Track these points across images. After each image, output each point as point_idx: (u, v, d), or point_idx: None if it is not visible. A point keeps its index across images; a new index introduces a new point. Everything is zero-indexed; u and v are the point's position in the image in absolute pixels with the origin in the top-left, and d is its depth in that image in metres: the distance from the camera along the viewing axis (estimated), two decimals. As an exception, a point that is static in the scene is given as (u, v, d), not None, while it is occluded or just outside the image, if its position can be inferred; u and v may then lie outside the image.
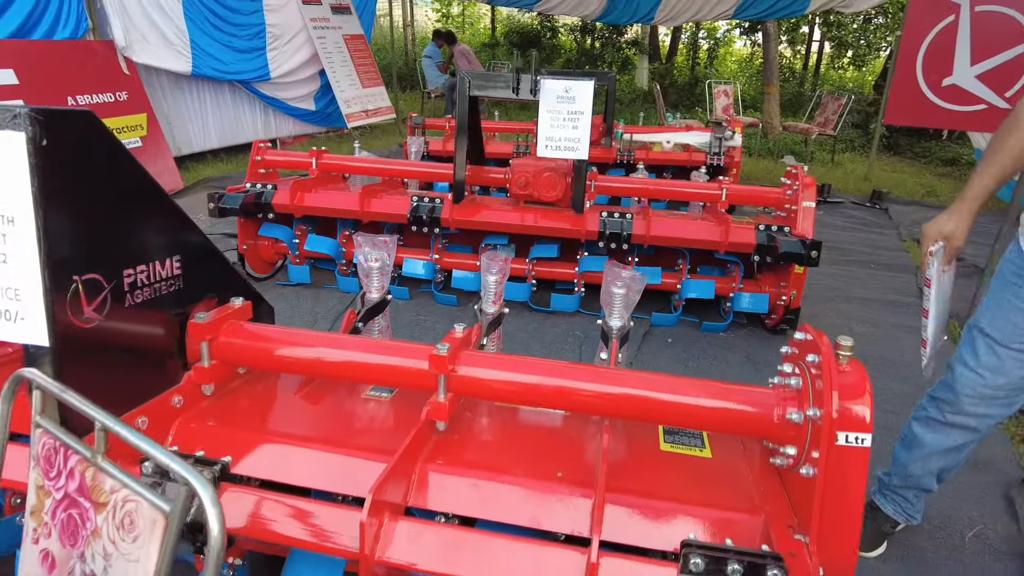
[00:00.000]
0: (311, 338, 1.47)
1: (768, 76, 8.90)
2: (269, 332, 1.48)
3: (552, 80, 2.97)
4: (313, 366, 1.44)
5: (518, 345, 3.16)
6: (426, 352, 1.36)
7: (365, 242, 1.95)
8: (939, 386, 1.86)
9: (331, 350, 1.43)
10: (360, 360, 1.41)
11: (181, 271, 1.40)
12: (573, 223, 3.20)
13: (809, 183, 3.23)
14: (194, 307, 1.47)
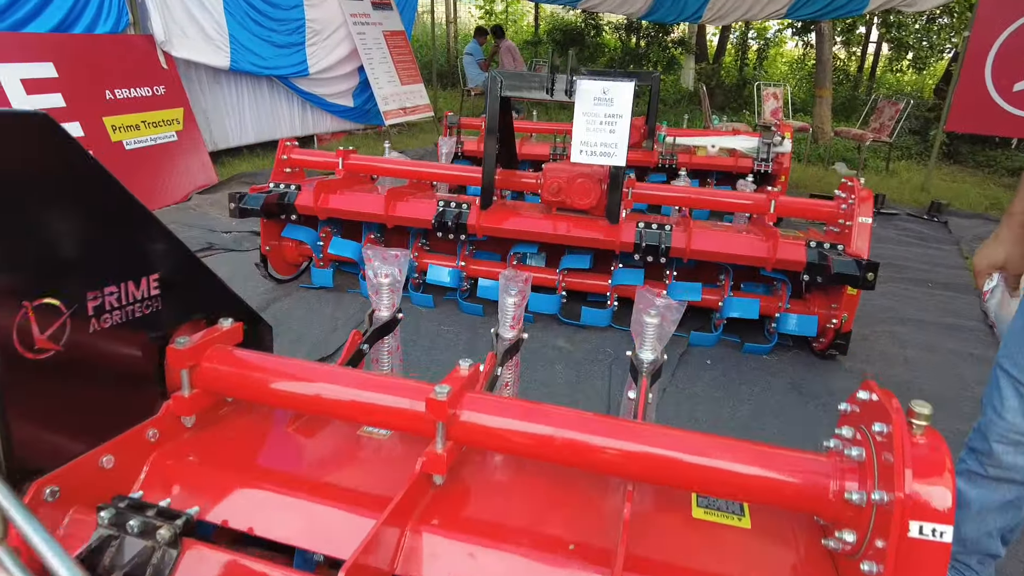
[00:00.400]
0: (299, 369, 1.32)
1: (820, 79, 8.50)
2: (255, 360, 1.34)
3: (589, 81, 2.78)
4: (298, 401, 1.29)
5: (543, 363, 2.98)
6: (425, 392, 1.20)
7: (375, 255, 1.80)
8: (974, 434, 1.64)
9: (319, 384, 1.28)
10: (350, 398, 1.25)
11: (160, 291, 1.27)
12: (607, 234, 3.01)
13: (866, 196, 2.97)
14: (176, 330, 1.33)
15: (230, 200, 3.19)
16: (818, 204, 3.14)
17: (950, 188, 7.27)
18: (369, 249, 1.82)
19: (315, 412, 1.35)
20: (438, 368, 2.90)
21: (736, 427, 2.58)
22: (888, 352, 3.30)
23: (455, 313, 3.46)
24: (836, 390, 2.88)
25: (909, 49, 9.92)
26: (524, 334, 1.78)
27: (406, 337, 3.17)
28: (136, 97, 5.34)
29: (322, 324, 3.31)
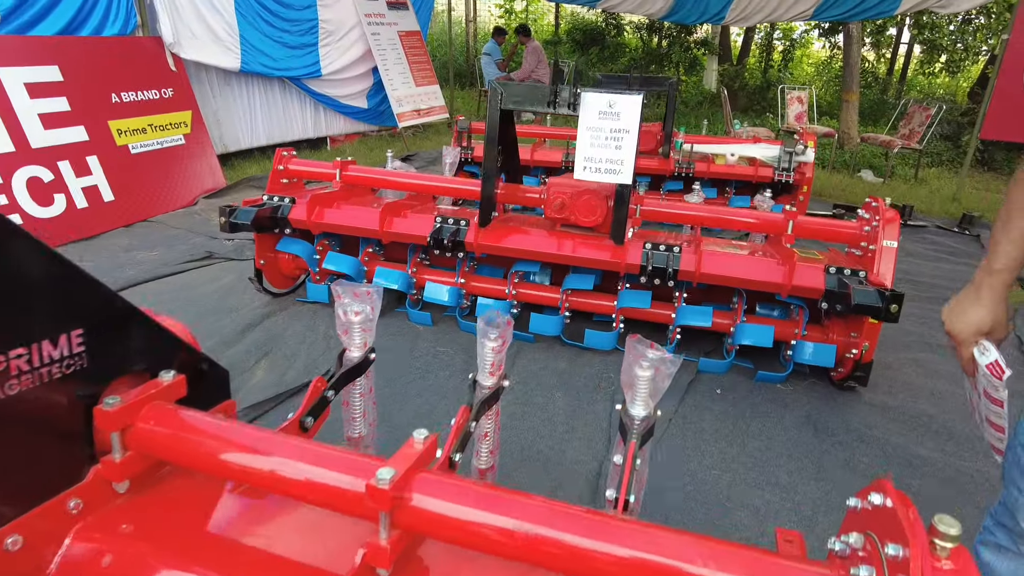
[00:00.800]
0: (234, 434, 1.19)
1: (848, 82, 8.19)
2: (191, 421, 1.21)
3: (594, 93, 2.62)
4: (229, 471, 1.16)
5: (542, 390, 2.83)
6: (373, 470, 1.05)
7: (344, 292, 1.66)
8: (1000, 508, 1.45)
9: (252, 456, 1.14)
10: (285, 473, 1.11)
11: (85, 347, 1.14)
12: (612, 254, 2.84)
13: (891, 218, 2.76)
14: (107, 387, 1.20)
15: (220, 214, 3.08)
16: (839, 225, 2.94)
17: (983, 198, 6.96)
18: (338, 285, 1.68)
19: (253, 484, 1.22)
20: (431, 394, 2.77)
21: (744, 467, 2.40)
22: (913, 384, 3.09)
23: (454, 331, 3.32)
24: (855, 426, 2.68)
25: (942, 51, 9.51)
26: (505, 381, 1.62)
27: (399, 359, 3.04)
28: (143, 100, 5.28)
29: (314, 344, 3.20)
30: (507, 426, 2.58)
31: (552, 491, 2.21)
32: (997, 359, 1.25)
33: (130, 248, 4.50)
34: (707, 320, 2.89)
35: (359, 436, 1.81)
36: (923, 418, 2.80)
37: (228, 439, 1.19)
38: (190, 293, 3.73)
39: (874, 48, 10.87)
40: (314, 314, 3.46)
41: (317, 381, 1.59)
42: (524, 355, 3.14)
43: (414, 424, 2.63)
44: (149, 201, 5.17)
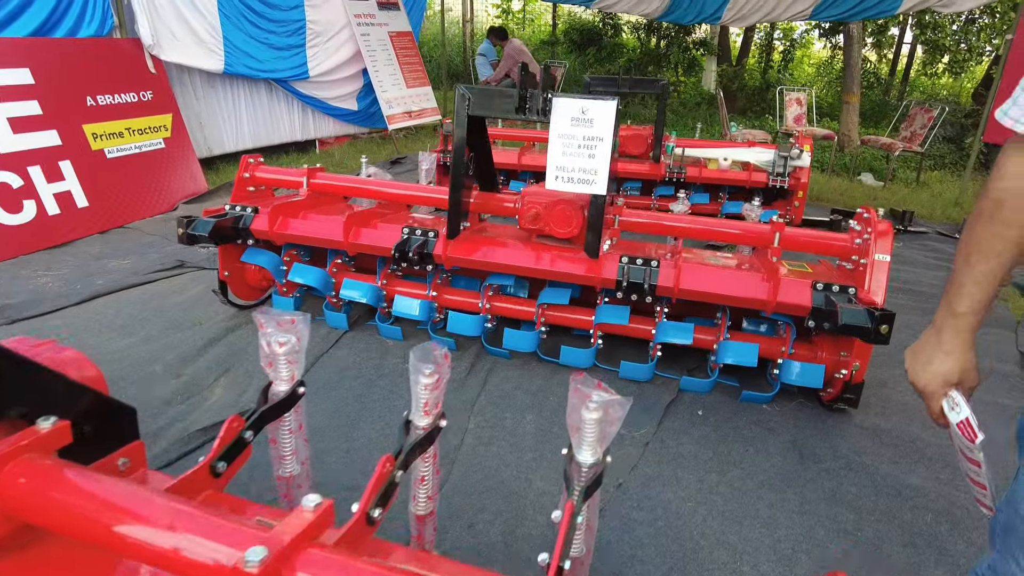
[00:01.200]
0: (110, 492, 1.04)
1: (848, 83, 8.01)
2: (63, 477, 1.06)
3: (565, 99, 2.46)
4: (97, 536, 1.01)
5: (512, 412, 2.67)
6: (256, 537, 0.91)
7: (267, 322, 1.51)
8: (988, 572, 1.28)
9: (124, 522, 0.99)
10: (154, 543, 0.96)
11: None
12: (587, 268, 2.69)
13: (884, 231, 2.60)
14: (-34, 438, 1.06)
15: (178, 225, 2.94)
16: (829, 238, 2.78)
17: (987, 202, 6.76)
18: (260, 315, 1.53)
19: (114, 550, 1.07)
20: (396, 415, 2.61)
21: (723, 498, 2.24)
22: (908, 404, 2.93)
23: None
24: (843, 452, 2.52)
25: (945, 52, 9.30)
26: (443, 421, 1.47)
27: (366, 376, 2.89)
28: (120, 103, 5.15)
29: (279, 358, 3.04)
30: (472, 452, 2.43)
31: (512, 526, 2.06)
32: (968, 417, 1.09)
33: (101, 256, 4.36)
34: (688, 337, 2.74)
35: (290, 475, 1.66)
36: (917, 443, 2.64)
37: (100, 499, 1.05)
38: (157, 304, 3.59)
39: (875, 49, 10.65)
40: (281, 328, 3.31)
41: (232, 420, 1.44)
42: (498, 372, 2.98)
43: (377, 446, 2.49)
44: (126, 207, 5.04)
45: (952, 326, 1.11)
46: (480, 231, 3.03)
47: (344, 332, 3.28)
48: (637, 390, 2.88)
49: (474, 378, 2.91)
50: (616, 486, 2.28)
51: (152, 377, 2.87)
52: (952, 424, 1.11)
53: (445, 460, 2.37)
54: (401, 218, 3.22)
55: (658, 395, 2.84)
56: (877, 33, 9.77)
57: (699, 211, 5.31)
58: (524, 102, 2.42)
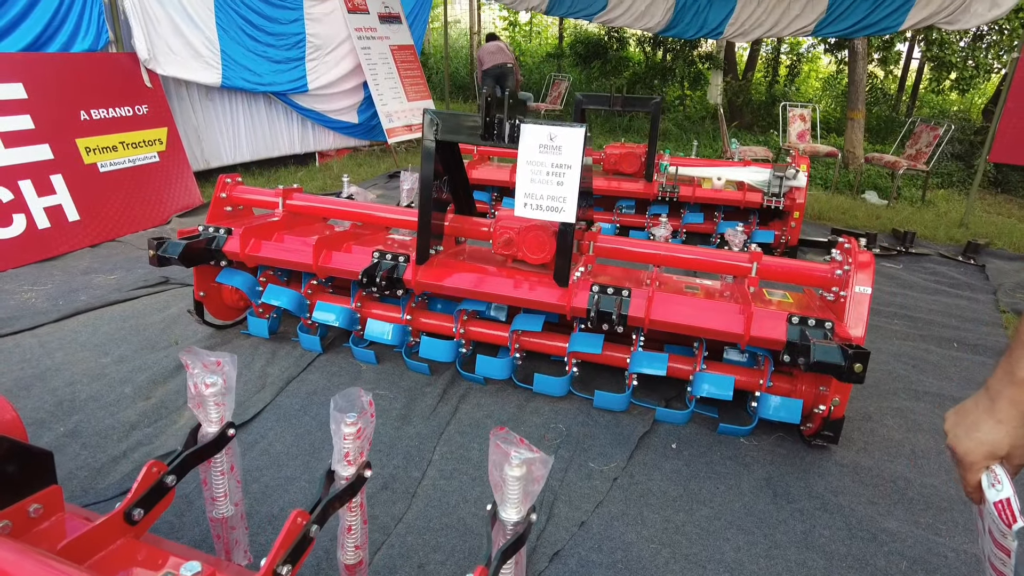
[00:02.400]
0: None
1: (853, 100, 7.90)
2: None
3: (533, 125, 2.41)
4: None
5: (480, 443, 2.61)
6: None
7: (194, 361, 1.47)
8: None
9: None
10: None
11: None
12: (558, 297, 2.62)
13: (866, 262, 2.51)
14: None
15: (148, 246, 2.92)
16: (808, 268, 2.69)
17: (993, 223, 6.62)
18: (186, 355, 1.49)
19: None
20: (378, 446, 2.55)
21: (688, 539, 2.16)
22: (893, 440, 2.82)
23: (399, 371, 3.11)
24: (818, 492, 2.42)
25: (952, 68, 9.15)
26: (367, 471, 1.42)
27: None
28: (115, 117, 5.17)
29: (248, 383, 3.01)
30: (433, 485, 2.37)
31: (464, 567, 1.99)
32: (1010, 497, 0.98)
33: (89, 271, 4.36)
34: (661, 368, 2.66)
35: (223, 517, 1.61)
36: (899, 482, 2.54)
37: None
38: (136, 322, 3.57)
39: (881, 65, 10.51)
40: (254, 350, 3.28)
41: (151, 465, 1.39)
42: (471, 399, 2.92)
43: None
44: (118, 220, 5.05)
45: (1010, 394, 1.00)
46: (455, 255, 2.99)
47: (318, 355, 3.24)
48: (612, 420, 2.80)
49: (445, 406, 2.85)
50: (579, 525, 2.20)
51: (121, 399, 2.84)
52: (988, 502, 1.00)
53: (405, 494, 2.31)
54: (378, 240, 3.18)
55: (633, 426, 2.76)
56: (883, 49, 9.64)
57: (694, 231, 5.24)
58: (490, 128, 2.37)
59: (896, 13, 6.01)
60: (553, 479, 2.41)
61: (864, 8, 6.14)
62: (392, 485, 2.35)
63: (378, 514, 2.19)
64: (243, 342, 3.36)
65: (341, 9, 7.37)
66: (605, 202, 5.39)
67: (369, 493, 2.29)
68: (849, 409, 3.01)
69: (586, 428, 2.74)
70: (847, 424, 2.87)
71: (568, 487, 2.38)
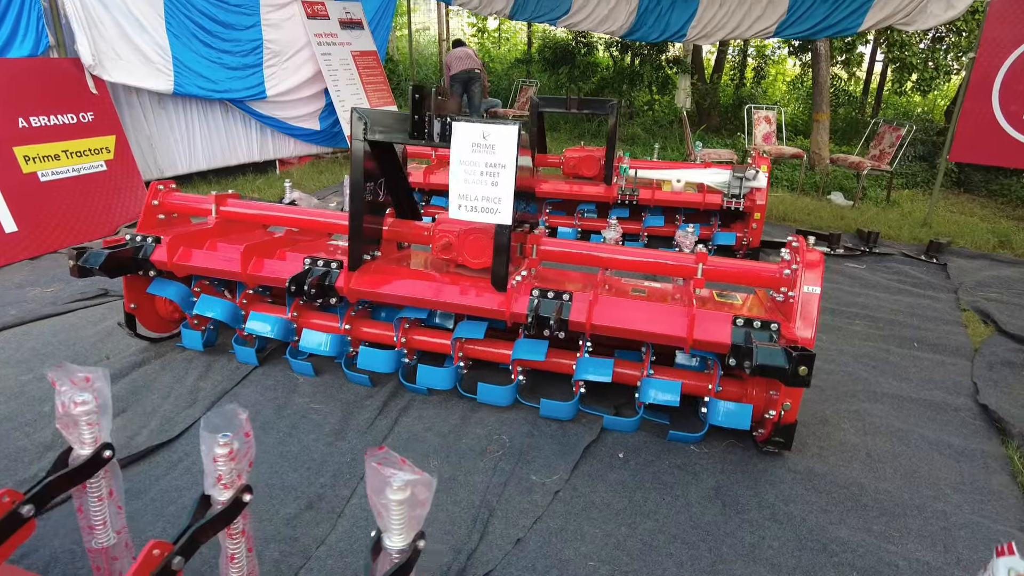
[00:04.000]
0: None
1: (818, 102, 7.92)
2: None
3: (465, 123, 2.30)
4: None
5: (417, 458, 2.47)
6: None
7: (61, 379, 1.33)
8: None
9: None
10: None
11: None
12: (498, 302, 2.51)
13: (815, 261, 2.43)
14: None
15: (69, 256, 2.75)
16: (757, 268, 2.61)
17: (956, 222, 6.65)
18: (53, 372, 1.35)
19: None
20: (284, 464, 2.41)
21: (629, 555, 2.05)
22: (848, 443, 2.74)
23: (338, 383, 2.97)
24: (769, 501, 2.33)
25: (913, 70, 9.24)
26: (247, 494, 1.28)
27: (265, 417, 2.69)
28: (57, 125, 4.98)
29: (182, 395, 2.85)
30: (362, 505, 2.23)
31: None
32: None
33: (24, 284, 4.17)
34: (607, 375, 2.56)
35: (102, 548, 1.47)
36: (853, 488, 2.45)
37: None
38: (66, 336, 3.39)
39: (845, 67, 10.60)
40: (188, 363, 3.12)
41: (3, 494, 1.25)
42: (412, 411, 2.79)
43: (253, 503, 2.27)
44: (61, 231, 4.85)
45: None
46: (396, 260, 2.86)
47: (254, 368, 3.09)
48: (559, 429, 2.69)
49: (384, 419, 2.72)
50: (514, 543, 2.08)
51: (40, 418, 2.67)
52: None
53: (330, 513, 2.17)
54: (318, 247, 3.05)
55: (580, 435, 2.65)
56: (846, 51, 9.70)
57: (655, 234, 5.16)
58: (419, 127, 2.26)
59: (855, 14, 6.02)
60: (491, 494, 2.29)
61: (823, 10, 6.14)
62: (317, 505, 2.21)
63: (299, 536, 2.06)
64: (178, 355, 3.20)
65: (300, 15, 7.24)
66: (566, 206, 5.31)
67: (292, 513, 2.15)
68: (805, 413, 2.93)
69: (531, 439, 2.62)
70: (802, 429, 2.79)
71: (506, 502, 2.26)
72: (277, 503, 2.21)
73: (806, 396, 3.10)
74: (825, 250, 5.37)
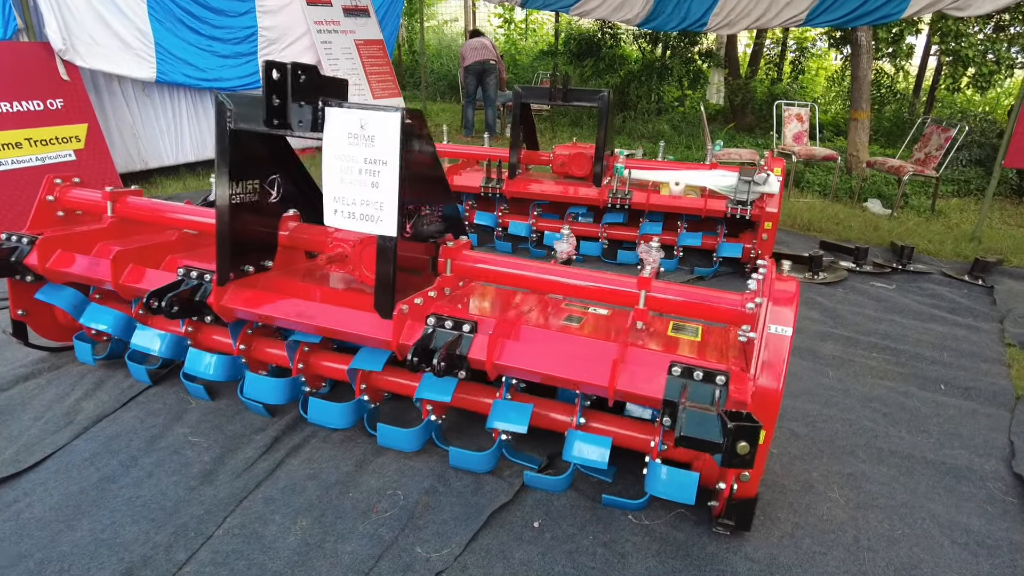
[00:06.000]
0: None
1: (856, 99, 7.16)
2: None
3: (339, 110, 1.85)
4: None
5: (284, 514, 2.04)
6: None
7: None
8: None
9: None
10: None
11: None
12: (383, 331, 2.05)
13: (786, 295, 1.89)
14: None
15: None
16: (713, 299, 2.06)
17: (1011, 236, 5.84)
18: None
19: None
20: (127, 521, 2.01)
21: None
22: (833, 520, 2.18)
23: (232, 410, 2.57)
24: (711, 602, 1.81)
25: (969, 63, 8.28)
26: None
27: (132, 450, 2.31)
28: (20, 112, 4.76)
29: (52, 420, 2.50)
30: (198, 573, 1.81)
31: None
32: None
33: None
34: (522, 422, 2.07)
35: None
36: (824, 591, 1.90)
37: None
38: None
39: (891, 60, 9.62)
40: (80, 378, 2.78)
41: None
42: (304, 451, 2.36)
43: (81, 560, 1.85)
44: (19, 223, 4.61)
45: None
46: (293, 273, 2.44)
47: (147, 387, 2.72)
48: (471, 484, 2.22)
49: (268, 460, 2.30)
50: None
51: None
52: None
53: (150, 590, 1.76)
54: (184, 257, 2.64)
55: (494, 494, 2.17)
56: (892, 42, 8.78)
57: (655, 242, 4.61)
58: (277, 113, 1.81)
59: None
60: (355, 572, 1.84)
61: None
62: (138, 571, 1.80)
63: (93, 621, 1.65)
64: (74, 368, 2.86)
65: (300, 1, 6.91)
66: (557, 208, 4.81)
67: (99, 588, 1.75)
68: (787, 474, 2.39)
69: (430, 496, 2.16)
70: (775, 496, 2.26)
71: (370, 585, 1.81)
72: (92, 566, 1.81)
73: (790, 451, 2.55)
74: (850, 266, 4.72)
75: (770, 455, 2.51)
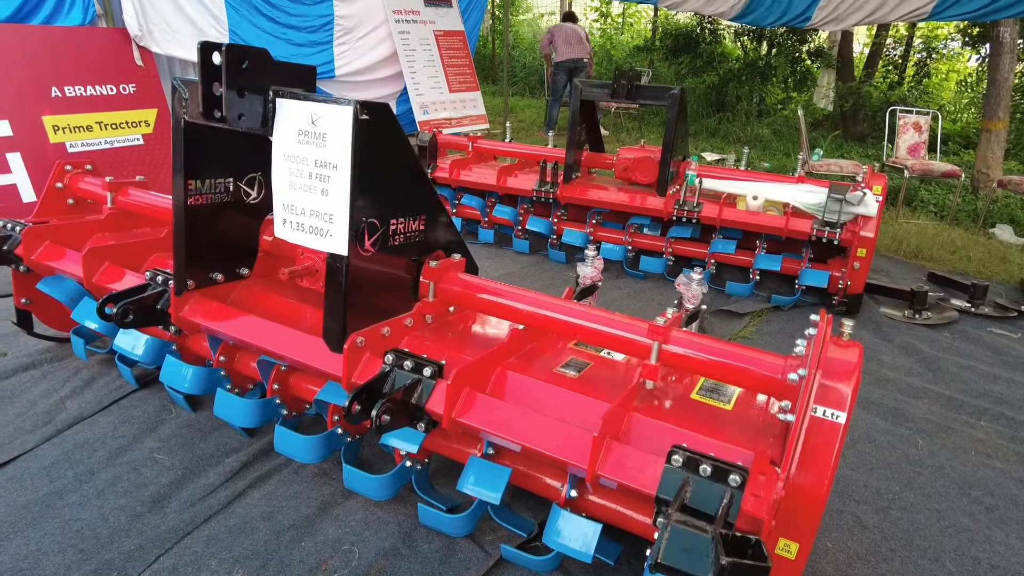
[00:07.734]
0: None
1: (992, 107, 6.15)
2: None
3: (291, 102, 1.55)
4: None
5: (220, 563, 1.78)
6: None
7: None
8: None
9: None
10: None
11: None
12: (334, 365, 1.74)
13: (845, 366, 1.41)
14: None
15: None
16: (745, 360, 1.59)
17: None
18: None
19: None
20: (54, 550, 1.83)
21: None
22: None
23: (210, 427, 2.36)
24: None
25: None
26: None
27: (96, 460, 2.14)
28: (94, 96, 4.87)
29: (31, 418, 2.39)
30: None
31: None
32: None
33: None
34: (495, 491, 1.69)
35: None
36: None
37: None
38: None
39: (1041, 61, 8.28)
40: (74, 374, 2.68)
41: None
42: (270, 483, 2.11)
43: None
44: (85, 204, 4.73)
45: None
46: (269, 284, 2.19)
47: (133, 390, 2.57)
48: (442, 548, 1.88)
49: (228, 489, 2.06)
50: None
51: None
52: None
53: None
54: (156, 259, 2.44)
55: (464, 565, 1.82)
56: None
57: (727, 262, 4.06)
58: (217, 104, 1.53)
59: (1054, -12, 4.41)
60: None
61: (1006, -19, 4.58)
62: (37, 621, 1.59)
63: None
64: (71, 363, 2.77)
65: (380, -10, 6.79)
66: (621, 218, 4.35)
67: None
68: (835, 582, 1.88)
69: (389, 559, 1.83)
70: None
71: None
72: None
73: (850, 546, 2.03)
74: (964, 306, 3.97)
75: (823, 550, 2.00)
